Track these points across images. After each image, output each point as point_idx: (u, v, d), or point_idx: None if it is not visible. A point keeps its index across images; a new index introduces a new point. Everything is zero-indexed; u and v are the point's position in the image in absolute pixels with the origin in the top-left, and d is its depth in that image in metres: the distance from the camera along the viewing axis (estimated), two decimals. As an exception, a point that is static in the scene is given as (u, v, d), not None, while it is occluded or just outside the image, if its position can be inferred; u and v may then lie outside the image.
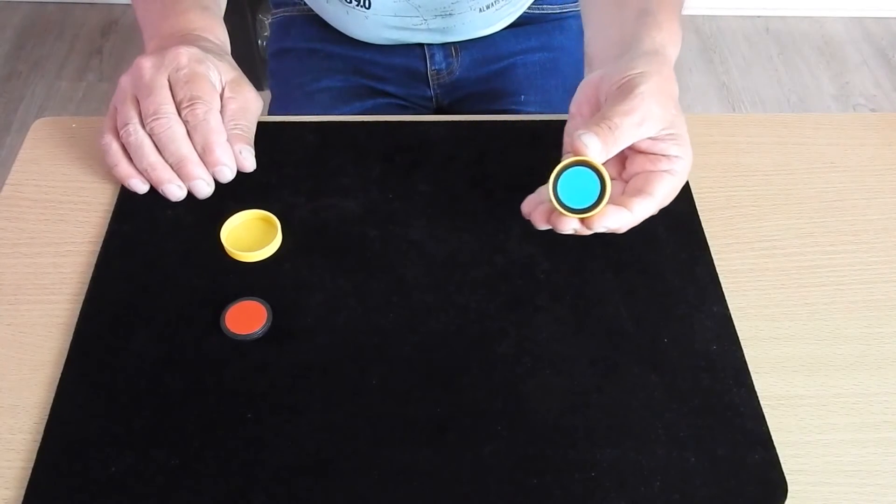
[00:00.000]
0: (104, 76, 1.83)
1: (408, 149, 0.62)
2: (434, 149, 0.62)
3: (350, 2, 0.78)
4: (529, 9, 0.86)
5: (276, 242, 0.55)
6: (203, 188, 0.57)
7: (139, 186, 0.57)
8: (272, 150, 0.61)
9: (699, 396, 0.49)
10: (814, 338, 0.53)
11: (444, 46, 0.86)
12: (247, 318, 0.51)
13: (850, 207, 0.60)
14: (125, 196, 0.58)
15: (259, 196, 0.58)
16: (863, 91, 1.87)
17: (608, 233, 0.49)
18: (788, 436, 0.48)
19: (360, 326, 0.51)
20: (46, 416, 0.47)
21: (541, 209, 0.50)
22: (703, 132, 0.65)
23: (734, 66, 1.92)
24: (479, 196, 0.59)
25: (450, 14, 0.79)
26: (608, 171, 0.48)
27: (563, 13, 0.88)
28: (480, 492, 0.44)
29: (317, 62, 0.87)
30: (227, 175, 0.58)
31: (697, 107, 1.82)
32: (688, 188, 0.60)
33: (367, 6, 0.78)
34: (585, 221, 0.49)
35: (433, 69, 0.86)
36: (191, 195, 0.57)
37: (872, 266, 0.57)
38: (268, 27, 1.26)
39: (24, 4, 1.99)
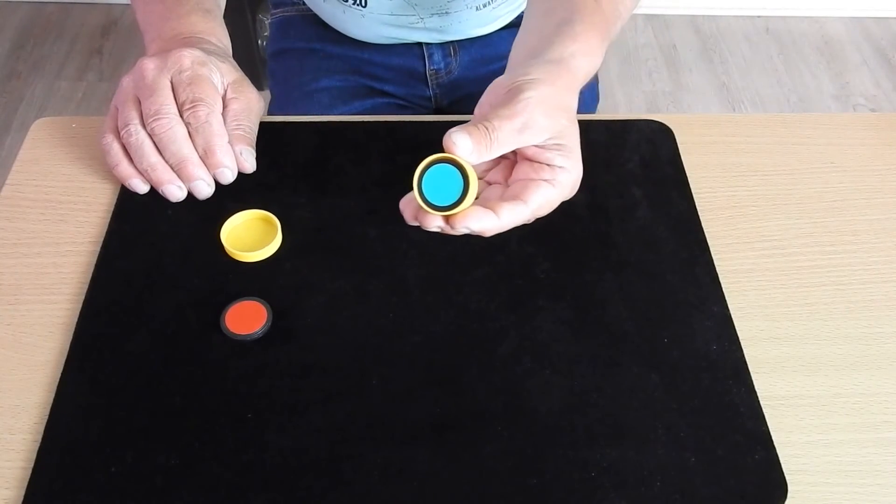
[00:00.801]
0: (104, 76, 1.83)
1: (408, 149, 0.62)
2: (434, 149, 0.62)
3: (346, 0, 0.78)
4: (529, 9, 0.86)
5: (276, 242, 0.55)
6: (203, 189, 0.57)
7: (139, 187, 0.57)
8: (272, 150, 0.61)
9: (699, 396, 0.49)
10: (814, 338, 0.53)
11: (443, 46, 0.86)
12: (247, 318, 0.51)
13: (850, 207, 0.60)
14: (125, 196, 0.58)
15: (259, 196, 0.58)
16: (863, 91, 1.87)
17: (473, 234, 0.48)
18: (788, 436, 0.48)
19: (360, 326, 0.51)
20: (46, 416, 0.47)
21: (412, 205, 0.49)
22: (703, 132, 0.65)
23: (734, 66, 1.92)
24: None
25: (446, 12, 0.79)
26: (496, 176, 0.47)
27: (563, 13, 0.88)
28: (480, 492, 0.44)
29: (316, 62, 0.87)
30: (229, 177, 0.58)
31: (697, 107, 1.82)
32: (688, 188, 0.60)
33: (364, 5, 0.78)
34: (448, 220, 0.48)
35: (432, 69, 0.86)
36: (191, 195, 0.58)
37: (872, 266, 0.57)
38: (268, 27, 1.26)
39: (24, 4, 1.99)
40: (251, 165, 0.59)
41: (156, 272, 0.54)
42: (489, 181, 0.52)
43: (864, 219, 0.60)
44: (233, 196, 0.58)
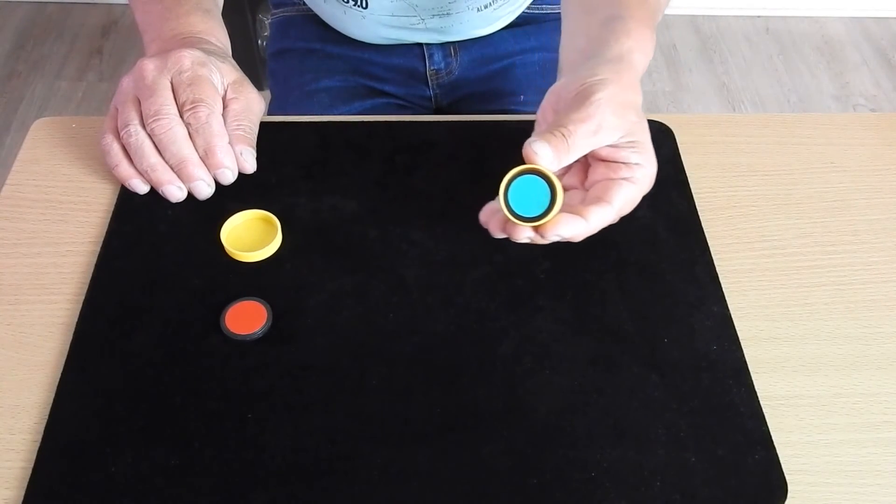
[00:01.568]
0: (104, 76, 1.83)
1: (408, 149, 0.62)
2: (434, 149, 0.62)
3: (347, 1, 0.78)
4: (528, 9, 0.86)
5: (276, 242, 0.55)
6: (204, 189, 0.57)
7: (139, 187, 0.57)
8: (272, 150, 0.61)
9: (699, 396, 0.49)
10: (814, 338, 0.53)
11: (443, 46, 0.86)
12: (247, 318, 0.51)
13: (850, 207, 0.60)
14: (125, 196, 0.58)
15: (259, 196, 0.58)
16: (863, 91, 1.87)
17: (562, 241, 0.49)
18: (788, 436, 0.48)
19: (360, 326, 0.51)
20: (46, 416, 0.47)
21: (497, 218, 0.50)
22: (703, 132, 0.65)
23: (734, 66, 1.92)
24: (479, 196, 0.59)
25: (447, 14, 0.79)
26: (572, 180, 0.47)
27: (563, 13, 0.88)
28: (480, 492, 0.44)
29: (316, 62, 0.87)
30: (229, 178, 0.58)
31: (697, 107, 1.82)
32: (688, 188, 0.60)
33: (365, 6, 0.78)
34: (539, 230, 0.48)
35: (432, 69, 0.86)
36: (191, 195, 0.58)
37: (872, 266, 0.57)
38: (268, 27, 1.26)
39: (24, 4, 1.99)
40: (251, 166, 0.59)
41: (156, 272, 0.54)
42: (566, 186, 0.52)
43: (864, 219, 0.60)
44: (233, 196, 0.58)
